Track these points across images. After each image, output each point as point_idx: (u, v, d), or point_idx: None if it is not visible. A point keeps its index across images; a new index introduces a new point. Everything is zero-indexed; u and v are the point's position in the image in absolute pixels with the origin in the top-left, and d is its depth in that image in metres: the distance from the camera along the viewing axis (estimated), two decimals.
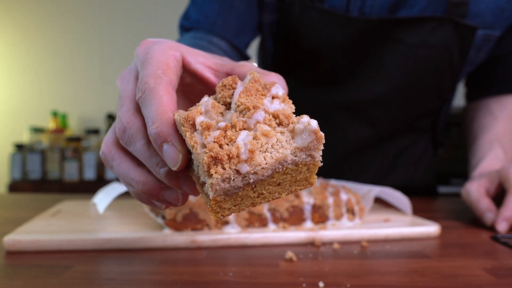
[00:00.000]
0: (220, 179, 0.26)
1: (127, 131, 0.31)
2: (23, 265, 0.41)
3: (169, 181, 0.30)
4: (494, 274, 0.40)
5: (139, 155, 0.31)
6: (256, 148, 0.26)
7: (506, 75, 0.86)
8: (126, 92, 0.33)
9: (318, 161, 0.28)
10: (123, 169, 0.32)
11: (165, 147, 0.29)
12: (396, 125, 0.84)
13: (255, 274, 0.39)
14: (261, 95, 0.28)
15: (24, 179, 2.26)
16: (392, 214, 0.61)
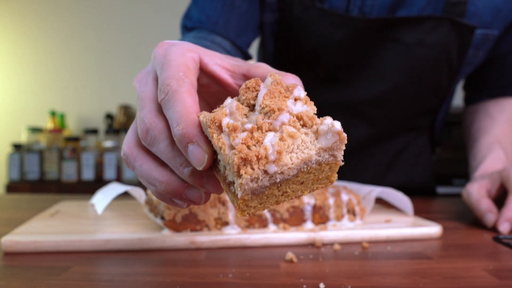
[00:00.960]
0: (249, 179, 0.27)
1: (150, 132, 0.32)
2: (21, 266, 0.41)
3: (193, 180, 0.31)
4: (496, 275, 0.39)
5: (163, 156, 0.32)
6: (283, 149, 0.27)
7: (503, 78, 0.87)
8: (145, 93, 0.34)
9: (339, 161, 0.29)
10: (146, 170, 0.33)
11: (190, 147, 0.29)
12: (395, 124, 0.84)
13: (255, 275, 0.39)
14: (284, 97, 0.30)
15: (22, 180, 2.25)
16: (393, 215, 0.60)
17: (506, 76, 0.86)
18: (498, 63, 0.86)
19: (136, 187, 0.55)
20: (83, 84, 2.68)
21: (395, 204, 0.62)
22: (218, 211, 0.50)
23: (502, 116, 0.84)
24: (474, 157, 0.79)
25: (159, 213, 0.50)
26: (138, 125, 0.33)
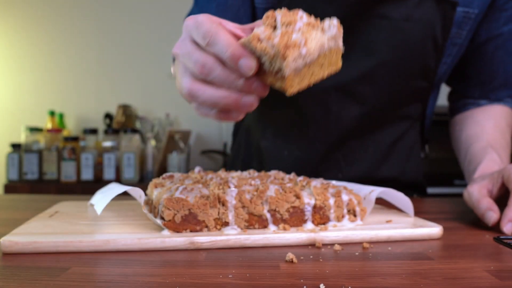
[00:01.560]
0: (291, 59, 0.39)
1: (206, 65, 0.43)
2: (20, 267, 0.41)
3: (246, 87, 0.43)
4: (497, 276, 0.39)
5: (220, 79, 0.43)
6: (307, 38, 0.39)
7: (484, 84, 0.89)
8: (187, 47, 0.44)
9: (340, 48, 0.43)
10: (209, 94, 0.44)
11: (240, 61, 0.41)
12: (386, 102, 0.84)
13: (255, 276, 0.39)
14: (294, 15, 0.41)
15: (20, 180, 2.25)
16: (394, 215, 0.60)
17: (487, 81, 0.89)
18: (480, 60, 0.88)
19: (135, 187, 0.55)
20: (82, 84, 2.67)
21: (396, 205, 0.62)
22: (218, 211, 0.50)
23: (489, 123, 0.85)
24: (470, 162, 0.80)
25: (159, 213, 0.50)
26: (193, 67, 0.43)
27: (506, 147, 0.81)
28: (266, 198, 0.51)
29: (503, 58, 0.87)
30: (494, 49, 0.86)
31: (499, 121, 0.86)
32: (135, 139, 2.26)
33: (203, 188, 0.52)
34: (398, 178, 0.89)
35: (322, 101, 0.84)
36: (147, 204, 0.58)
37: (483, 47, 0.87)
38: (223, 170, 0.72)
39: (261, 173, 0.69)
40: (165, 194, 0.51)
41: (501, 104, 0.89)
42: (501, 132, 0.84)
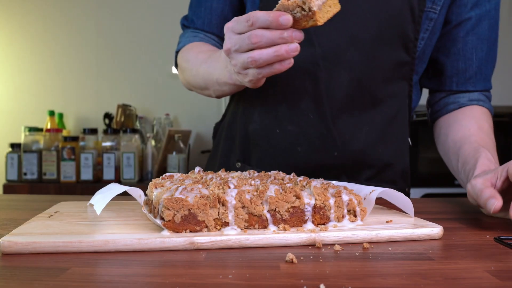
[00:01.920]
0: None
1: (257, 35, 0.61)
2: (19, 267, 0.41)
3: (289, 37, 0.60)
4: (498, 276, 0.39)
5: (270, 38, 0.60)
6: None
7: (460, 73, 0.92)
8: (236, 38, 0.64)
9: None
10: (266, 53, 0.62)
11: (280, 18, 0.59)
12: (372, 70, 0.85)
13: (255, 276, 0.39)
14: None
15: (20, 180, 2.25)
16: (395, 216, 0.60)
17: (461, 64, 0.91)
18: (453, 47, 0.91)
19: (135, 187, 0.55)
20: (82, 83, 2.67)
21: (396, 205, 0.62)
22: (218, 211, 0.50)
23: (474, 125, 0.87)
24: (465, 163, 0.80)
25: (159, 213, 0.50)
26: (248, 43, 0.62)
27: (493, 147, 0.83)
28: (266, 198, 0.51)
29: (475, 43, 0.89)
30: (465, 34, 0.89)
31: (482, 123, 0.87)
32: (135, 139, 2.26)
33: (203, 188, 0.52)
34: (392, 163, 0.90)
35: (311, 72, 0.85)
36: (146, 204, 0.58)
37: (454, 31, 0.89)
38: (223, 170, 0.71)
39: (261, 173, 0.69)
40: (164, 194, 0.51)
41: (480, 105, 0.92)
42: (486, 133, 0.86)
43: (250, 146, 0.91)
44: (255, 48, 0.62)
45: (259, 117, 0.90)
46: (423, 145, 2.19)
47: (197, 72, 0.87)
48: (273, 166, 0.86)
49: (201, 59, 0.87)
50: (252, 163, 0.91)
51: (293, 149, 0.87)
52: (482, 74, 0.92)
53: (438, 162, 2.23)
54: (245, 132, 0.92)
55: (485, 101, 0.93)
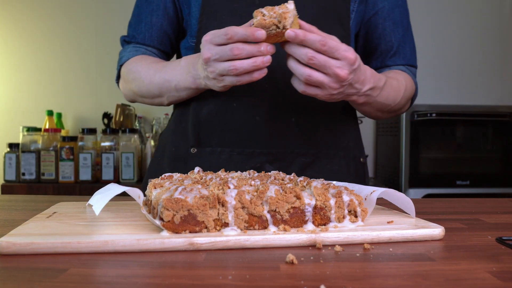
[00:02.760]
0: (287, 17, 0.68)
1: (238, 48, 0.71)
2: (18, 268, 0.41)
3: (265, 50, 0.71)
4: (499, 277, 0.39)
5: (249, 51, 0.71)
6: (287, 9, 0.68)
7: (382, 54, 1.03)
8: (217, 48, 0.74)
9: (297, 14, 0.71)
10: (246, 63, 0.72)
11: (256, 33, 0.69)
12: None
13: (255, 277, 0.38)
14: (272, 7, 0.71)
15: (18, 180, 2.24)
16: (396, 216, 0.60)
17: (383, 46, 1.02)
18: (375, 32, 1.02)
19: (134, 188, 0.55)
20: (81, 83, 2.67)
21: (397, 205, 0.61)
22: (218, 212, 0.50)
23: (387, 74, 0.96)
24: None
25: (158, 214, 0.49)
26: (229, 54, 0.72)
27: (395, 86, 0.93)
28: (266, 199, 0.51)
29: (392, 28, 1.02)
30: (383, 20, 1.01)
31: (397, 76, 0.97)
32: (134, 139, 2.26)
33: (203, 189, 0.52)
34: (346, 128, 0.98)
35: None
36: (146, 205, 0.58)
37: (374, 18, 1.01)
38: (222, 170, 0.71)
39: (261, 174, 0.68)
40: (164, 194, 0.50)
41: (402, 70, 1.02)
42: (397, 80, 0.95)
43: (206, 128, 0.94)
44: (235, 59, 0.72)
45: (214, 97, 0.93)
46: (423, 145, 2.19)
47: (151, 81, 0.91)
48: (234, 141, 0.90)
49: (154, 68, 0.92)
50: (210, 144, 0.93)
51: (252, 120, 0.90)
52: (401, 54, 1.03)
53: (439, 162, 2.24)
54: (198, 116, 0.94)
55: (409, 73, 1.03)
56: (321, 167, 0.94)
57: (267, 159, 0.91)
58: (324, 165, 0.95)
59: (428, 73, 2.66)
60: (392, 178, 2.30)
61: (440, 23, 2.71)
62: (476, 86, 2.70)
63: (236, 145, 0.91)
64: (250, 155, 0.91)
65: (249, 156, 0.91)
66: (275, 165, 0.91)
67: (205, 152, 0.93)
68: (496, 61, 2.71)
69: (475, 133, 2.32)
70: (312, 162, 0.94)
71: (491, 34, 2.71)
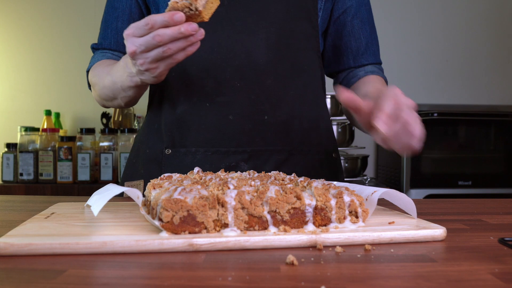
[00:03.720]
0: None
1: (160, 34, 0.69)
2: (15, 269, 0.40)
3: (185, 30, 0.68)
4: (502, 278, 0.39)
5: (171, 35, 0.69)
6: None
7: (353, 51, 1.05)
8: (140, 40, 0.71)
9: None
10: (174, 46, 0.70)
11: (175, 17, 0.67)
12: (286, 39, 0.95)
13: (255, 279, 0.38)
14: None
15: (16, 181, 2.23)
16: (397, 217, 0.60)
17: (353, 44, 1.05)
18: (344, 31, 1.04)
19: (133, 188, 0.55)
20: (79, 83, 2.66)
21: (399, 206, 0.61)
22: (218, 212, 0.49)
23: (371, 88, 0.96)
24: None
25: (157, 214, 0.49)
26: (153, 42, 0.70)
27: None
28: (266, 199, 0.51)
29: (360, 25, 1.05)
30: (351, 18, 1.04)
31: (379, 86, 0.98)
32: (133, 139, 2.26)
33: (202, 189, 0.51)
34: (317, 125, 0.99)
35: (226, 45, 0.92)
36: (144, 206, 0.57)
37: (342, 17, 1.04)
38: (222, 171, 0.71)
39: (261, 174, 0.68)
40: (163, 195, 0.50)
41: (375, 75, 1.04)
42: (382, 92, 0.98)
43: (180, 129, 0.95)
44: (160, 46, 0.71)
45: (186, 98, 0.94)
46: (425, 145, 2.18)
47: (104, 84, 0.92)
48: (208, 140, 0.91)
49: (105, 71, 0.92)
50: (185, 144, 0.93)
51: (225, 119, 0.91)
52: (370, 50, 1.06)
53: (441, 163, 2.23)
54: (171, 118, 0.95)
55: (379, 72, 1.06)
56: (295, 163, 0.95)
57: (242, 158, 0.92)
58: (298, 162, 0.96)
59: (429, 73, 2.66)
60: (394, 179, 2.29)
61: (442, 22, 2.72)
62: (478, 86, 2.70)
63: (211, 145, 0.92)
64: (225, 154, 0.92)
65: (224, 155, 0.92)
66: (250, 163, 0.92)
67: (179, 153, 0.93)
68: (498, 60, 2.71)
69: (477, 133, 2.31)
70: (287, 159, 0.95)
71: (493, 33, 2.71)
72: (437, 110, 2.19)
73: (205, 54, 0.92)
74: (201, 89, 0.93)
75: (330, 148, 1.03)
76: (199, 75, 0.93)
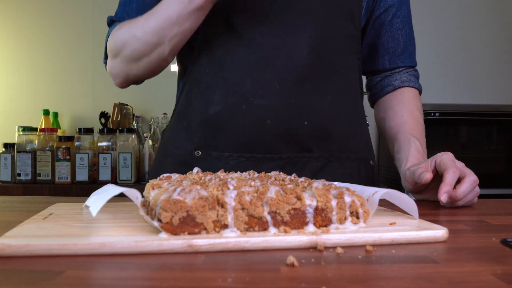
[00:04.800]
0: None
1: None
2: (13, 270, 0.40)
3: None
4: (504, 279, 0.39)
5: None
6: None
7: (390, 51, 1.05)
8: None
9: None
10: None
11: None
12: (328, 40, 0.92)
13: (255, 280, 0.38)
14: None
15: (13, 181, 2.23)
16: (398, 218, 0.59)
17: (391, 43, 1.04)
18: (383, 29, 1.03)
19: (132, 189, 0.54)
20: (77, 82, 2.66)
21: (400, 206, 0.61)
22: (217, 213, 0.49)
23: (405, 110, 1.01)
24: (399, 151, 0.95)
25: (156, 215, 0.49)
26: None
27: (422, 131, 0.99)
28: (266, 200, 0.50)
29: (399, 25, 1.03)
30: (391, 17, 1.03)
31: (412, 109, 1.01)
32: (132, 139, 2.25)
33: (202, 190, 0.51)
34: (355, 133, 0.97)
35: (271, 43, 0.88)
36: (143, 206, 0.57)
37: (382, 16, 1.02)
38: (222, 171, 0.71)
39: (261, 174, 0.68)
40: (162, 195, 0.50)
41: (410, 86, 1.04)
42: (416, 119, 1.00)
43: (212, 130, 0.90)
44: None
45: (221, 98, 0.89)
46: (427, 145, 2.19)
47: (145, 31, 0.86)
48: (243, 145, 0.87)
49: (144, 18, 0.87)
50: (217, 148, 0.89)
51: (262, 123, 0.87)
52: (408, 52, 1.06)
53: None
54: (203, 117, 0.90)
55: (414, 82, 1.06)
56: (333, 171, 0.92)
57: (277, 165, 0.88)
58: (336, 169, 0.92)
59: (431, 72, 2.66)
60: (395, 179, 2.29)
61: (444, 22, 2.72)
62: (480, 85, 2.70)
63: (246, 150, 0.88)
64: (260, 161, 0.88)
65: (259, 162, 0.88)
66: (285, 170, 0.88)
67: (211, 156, 0.89)
68: (501, 60, 2.72)
69: (479, 133, 2.31)
70: (324, 166, 0.91)
71: (495, 33, 2.71)
72: (439, 110, 2.18)
73: (243, 52, 0.87)
74: (237, 89, 0.88)
75: (367, 155, 1.00)
76: (236, 74, 0.88)
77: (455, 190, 0.73)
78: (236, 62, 0.88)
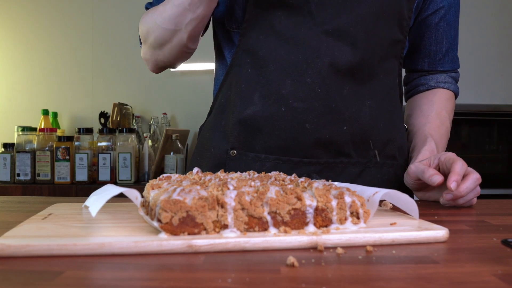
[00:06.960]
0: None
1: None
2: (12, 271, 0.40)
3: None
4: (505, 280, 0.38)
5: None
6: None
7: (431, 54, 1.03)
8: None
9: None
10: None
11: None
12: (373, 46, 0.90)
13: (255, 280, 0.38)
14: None
15: (13, 181, 2.23)
16: (399, 218, 0.59)
17: (433, 46, 1.02)
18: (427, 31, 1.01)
19: (131, 189, 0.54)
20: (77, 82, 2.66)
21: (400, 207, 0.61)
22: (217, 213, 0.49)
23: (432, 111, 1.00)
24: (413, 148, 0.95)
25: (156, 215, 0.49)
26: None
27: (444, 133, 0.98)
28: (266, 200, 0.50)
29: (445, 29, 1.01)
30: (438, 20, 1.00)
31: (440, 109, 1.00)
32: (131, 139, 2.25)
33: (202, 190, 0.51)
34: (392, 138, 0.95)
35: (313, 44, 0.87)
36: (143, 206, 0.57)
37: (429, 18, 1.00)
38: (221, 171, 0.71)
39: (261, 174, 0.68)
40: (162, 195, 0.50)
41: (445, 88, 1.04)
42: (441, 120, 0.99)
43: (249, 131, 0.89)
44: None
45: (260, 98, 0.88)
46: None
47: (163, 18, 0.85)
48: (281, 148, 0.86)
49: (163, 4, 0.86)
50: (254, 149, 0.88)
51: (301, 127, 0.86)
52: (450, 56, 1.03)
53: None
54: (240, 117, 0.89)
55: (451, 83, 1.05)
56: (371, 176, 0.91)
57: (315, 169, 0.87)
58: (374, 175, 0.92)
59: None
60: None
61: None
62: (481, 85, 2.70)
63: (283, 153, 0.87)
64: (297, 165, 0.87)
65: (295, 165, 0.87)
66: (322, 175, 0.87)
67: (247, 157, 0.88)
68: (502, 60, 2.71)
69: (480, 133, 2.31)
70: (361, 172, 0.91)
71: (495, 32, 2.71)
72: None
73: (285, 53, 0.86)
74: (277, 90, 0.87)
75: (403, 161, 0.98)
76: (277, 74, 0.87)
77: (458, 186, 0.73)
78: (278, 63, 0.87)
